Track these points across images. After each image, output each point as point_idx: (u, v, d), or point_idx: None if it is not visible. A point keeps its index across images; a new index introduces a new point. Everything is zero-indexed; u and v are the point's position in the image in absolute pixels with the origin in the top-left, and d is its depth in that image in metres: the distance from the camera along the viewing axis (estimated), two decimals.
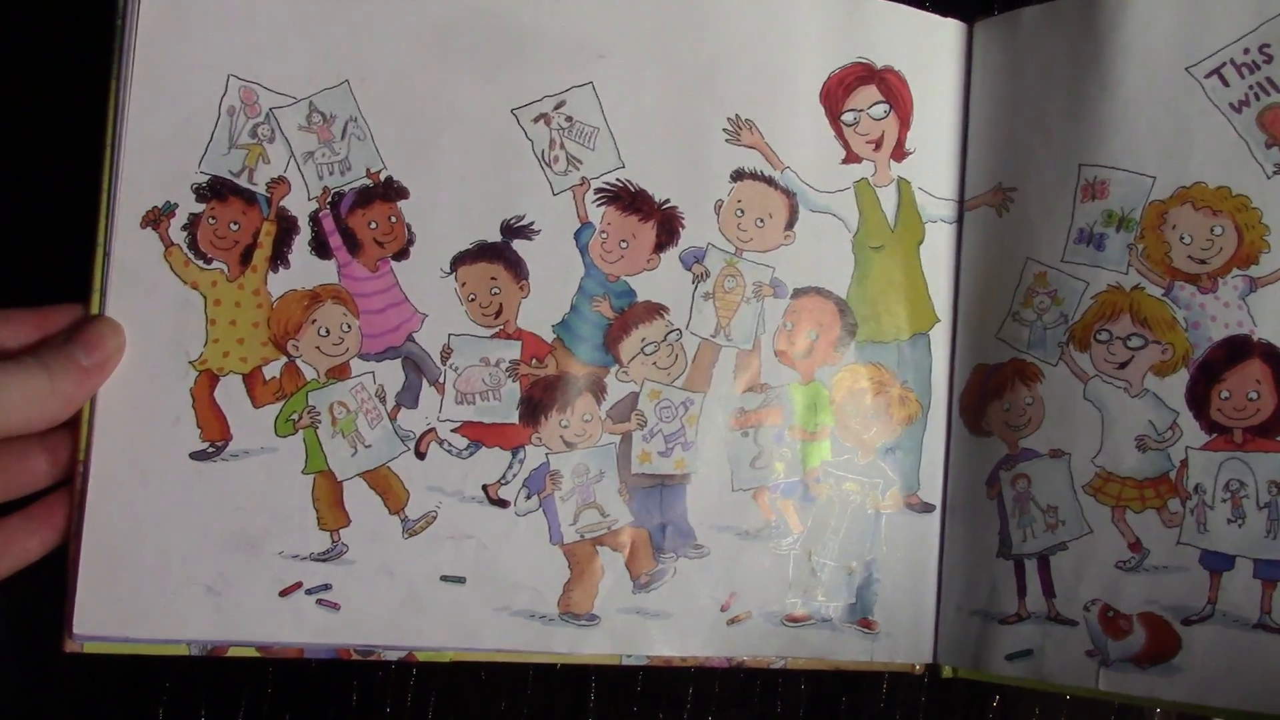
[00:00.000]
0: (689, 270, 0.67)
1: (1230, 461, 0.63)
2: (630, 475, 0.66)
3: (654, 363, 0.66)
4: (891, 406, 0.70)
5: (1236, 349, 0.63)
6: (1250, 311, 0.63)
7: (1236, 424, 0.63)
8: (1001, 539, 0.68)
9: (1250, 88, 0.63)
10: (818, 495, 0.69)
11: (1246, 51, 0.63)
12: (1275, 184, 0.63)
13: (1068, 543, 0.67)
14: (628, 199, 0.66)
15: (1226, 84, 0.64)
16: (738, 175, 0.67)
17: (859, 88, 0.69)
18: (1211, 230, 0.64)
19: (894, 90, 0.70)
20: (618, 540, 0.66)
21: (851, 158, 0.69)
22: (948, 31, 0.71)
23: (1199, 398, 0.64)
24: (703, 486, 0.67)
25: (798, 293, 0.69)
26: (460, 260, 0.64)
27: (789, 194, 0.68)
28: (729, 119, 0.67)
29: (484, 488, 0.64)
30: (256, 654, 0.61)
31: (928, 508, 0.70)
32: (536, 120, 0.65)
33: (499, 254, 0.64)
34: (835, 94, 0.69)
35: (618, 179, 0.66)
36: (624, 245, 0.66)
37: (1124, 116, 0.65)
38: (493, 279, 0.64)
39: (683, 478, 0.67)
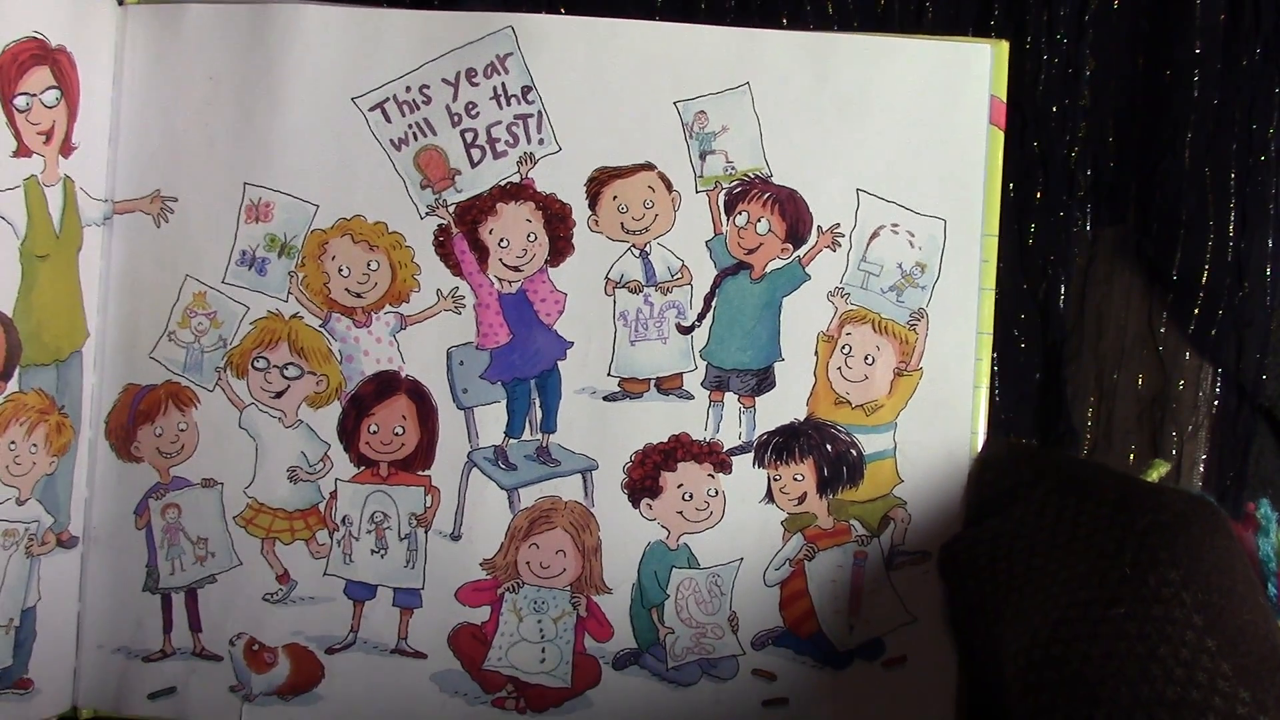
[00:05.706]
0: None
1: (376, 494, 0.64)
2: None
3: None
4: (50, 436, 0.63)
5: (385, 384, 0.64)
6: (400, 348, 0.64)
7: (383, 457, 0.64)
8: (149, 571, 0.65)
9: (410, 127, 0.64)
10: None
11: (408, 90, 0.64)
12: (427, 225, 0.64)
13: (217, 575, 0.65)
14: None
15: (389, 120, 0.64)
16: None
17: (34, 68, 0.61)
18: (368, 265, 0.64)
19: (65, 73, 0.62)
20: None
21: (24, 151, 0.61)
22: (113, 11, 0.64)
23: (349, 430, 0.64)
24: None
25: None
26: None
27: None
28: None
29: None
30: None
31: (75, 541, 0.64)
32: None
33: None
34: (8, 73, 0.60)
35: None
36: None
37: (291, 140, 0.64)
38: None
39: None
